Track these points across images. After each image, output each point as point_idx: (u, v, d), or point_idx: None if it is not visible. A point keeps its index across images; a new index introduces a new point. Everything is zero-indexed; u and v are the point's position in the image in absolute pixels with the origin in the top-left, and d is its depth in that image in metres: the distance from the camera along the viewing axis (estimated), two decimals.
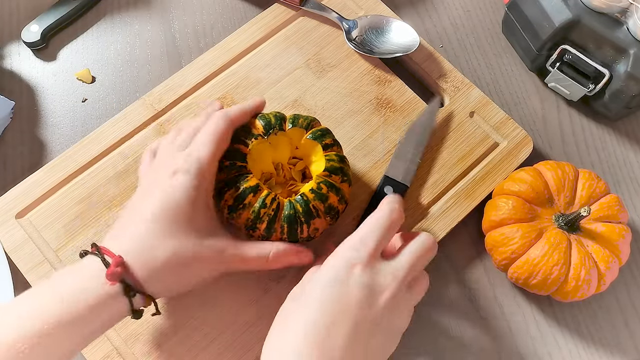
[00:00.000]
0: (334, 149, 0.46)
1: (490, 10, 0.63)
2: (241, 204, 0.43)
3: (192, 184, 0.40)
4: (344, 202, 0.45)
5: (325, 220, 0.44)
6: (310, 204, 0.43)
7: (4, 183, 0.53)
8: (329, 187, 0.44)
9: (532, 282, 0.46)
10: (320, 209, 0.44)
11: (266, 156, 0.47)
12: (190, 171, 0.41)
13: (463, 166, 0.52)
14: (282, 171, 0.48)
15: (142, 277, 0.38)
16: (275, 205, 0.43)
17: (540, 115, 0.58)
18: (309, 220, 0.43)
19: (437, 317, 0.49)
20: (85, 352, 0.45)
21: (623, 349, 0.49)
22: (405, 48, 0.56)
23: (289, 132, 0.46)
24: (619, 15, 0.52)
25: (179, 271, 0.40)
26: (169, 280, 0.40)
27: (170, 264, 0.39)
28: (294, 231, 0.43)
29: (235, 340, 0.46)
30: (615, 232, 0.46)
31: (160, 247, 0.39)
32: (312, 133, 0.46)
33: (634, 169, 0.56)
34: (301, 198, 0.43)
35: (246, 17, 0.61)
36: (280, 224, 0.43)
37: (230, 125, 0.44)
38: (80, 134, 0.55)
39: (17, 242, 0.48)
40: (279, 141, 0.47)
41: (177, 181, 0.40)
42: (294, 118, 0.46)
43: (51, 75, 0.58)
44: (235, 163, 0.44)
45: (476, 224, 0.51)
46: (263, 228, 0.43)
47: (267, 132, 0.45)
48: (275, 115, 0.46)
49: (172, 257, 0.39)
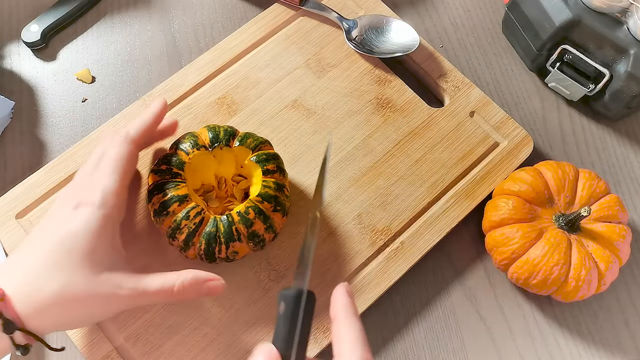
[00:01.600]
0: (275, 176, 0.45)
1: (491, 10, 0.63)
2: (165, 210, 0.42)
3: (94, 217, 0.38)
4: (272, 231, 0.44)
5: (248, 246, 0.44)
6: (234, 227, 0.43)
7: (4, 183, 0.53)
8: (257, 213, 0.43)
9: (532, 282, 0.46)
10: (243, 233, 0.43)
11: (209, 168, 0.47)
12: (93, 204, 0.39)
13: (463, 166, 0.52)
14: (225, 186, 0.48)
15: (24, 312, 0.36)
16: (199, 219, 0.42)
17: (540, 115, 0.58)
18: (228, 242, 0.43)
19: (437, 317, 0.49)
20: (85, 352, 0.45)
21: (624, 349, 0.49)
22: (405, 48, 0.56)
23: (235, 149, 0.45)
24: (619, 15, 0.52)
25: (68, 307, 0.37)
26: (57, 315, 0.37)
27: (57, 299, 0.36)
28: (212, 249, 0.43)
29: (235, 340, 0.46)
30: (615, 232, 0.46)
31: (47, 281, 0.36)
32: (257, 156, 0.45)
33: (634, 169, 0.56)
34: (226, 218, 0.43)
35: (246, 17, 0.61)
36: (200, 239, 0.43)
37: (134, 147, 0.43)
38: (80, 134, 0.55)
39: (17, 242, 0.48)
40: (225, 156, 0.46)
41: (79, 214, 0.38)
42: (243, 137, 0.45)
43: (51, 75, 0.58)
44: (172, 169, 0.43)
45: (476, 224, 0.51)
46: (181, 239, 0.43)
47: (212, 145, 0.44)
48: (225, 129, 0.45)
49: (60, 292, 0.36)
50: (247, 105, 0.54)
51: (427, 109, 0.55)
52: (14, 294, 0.36)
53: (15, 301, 0.36)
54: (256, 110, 0.54)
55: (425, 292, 0.50)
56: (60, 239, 0.38)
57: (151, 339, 0.45)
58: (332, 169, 0.52)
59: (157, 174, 0.44)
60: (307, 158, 0.52)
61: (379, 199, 0.51)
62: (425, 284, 0.51)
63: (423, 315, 0.49)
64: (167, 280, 0.39)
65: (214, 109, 0.53)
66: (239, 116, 0.53)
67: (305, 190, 0.51)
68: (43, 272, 0.37)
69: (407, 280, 0.50)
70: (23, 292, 0.36)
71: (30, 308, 0.36)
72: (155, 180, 0.44)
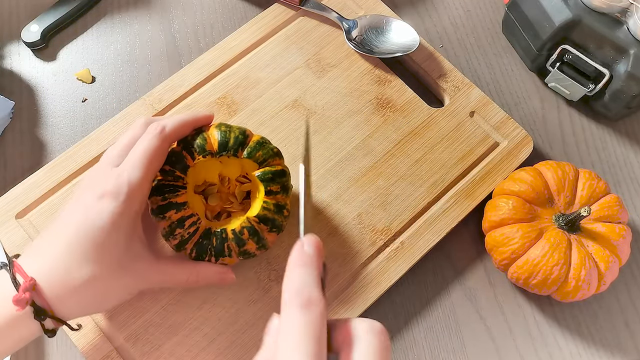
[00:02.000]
0: (277, 197, 0.44)
1: (490, 10, 0.63)
2: (162, 214, 0.42)
3: (119, 209, 0.39)
4: (264, 248, 0.44)
5: (237, 259, 0.44)
6: (226, 244, 0.43)
7: (4, 183, 0.53)
8: (252, 234, 0.43)
9: (532, 282, 0.46)
10: (235, 250, 0.43)
11: (213, 169, 0.46)
12: (118, 196, 0.39)
13: (463, 166, 0.52)
14: (227, 184, 0.47)
15: (54, 300, 0.37)
16: (193, 229, 0.42)
17: (540, 115, 0.58)
18: (218, 256, 0.43)
19: (437, 317, 0.49)
20: (85, 352, 0.45)
21: (624, 349, 0.49)
22: (405, 48, 0.56)
23: (243, 160, 0.44)
24: (619, 15, 0.52)
25: (96, 295, 0.39)
26: (84, 303, 0.39)
27: (86, 289, 0.38)
28: (202, 258, 0.44)
29: (235, 340, 0.46)
30: (615, 232, 0.46)
31: (76, 271, 0.38)
32: (263, 173, 0.43)
33: (634, 169, 0.56)
34: (220, 234, 0.43)
35: (246, 17, 0.61)
36: (191, 247, 0.43)
37: (166, 142, 0.42)
38: (80, 134, 0.55)
39: (17, 242, 0.48)
40: (230, 162, 0.45)
41: (104, 205, 0.39)
42: (252, 148, 0.43)
43: (51, 75, 0.58)
44: (175, 172, 0.43)
45: (476, 224, 0.51)
46: (173, 244, 0.43)
47: (220, 152, 0.43)
48: (236, 137, 0.43)
49: (88, 282, 0.38)
50: (247, 105, 0.54)
51: (427, 109, 0.55)
52: (43, 282, 0.37)
53: (44, 289, 0.37)
54: (256, 110, 0.54)
55: (425, 292, 0.50)
56: (87, 231, 0.39)
57: (151, 339, 0.45)
58: (332, 169, 0.52)
59: (160, 172, 0.43)
60: None
61: (379, 199, 0.51)
62: (425, 284, 0.51)
63: (423, 315, 0.49)
64: (182, 271, 0.43)
65: (214, 109, 0.53)
66: (239, 116, 0.53)
67: None
68: (71, 262, 0.38)
69: (407, 280, 0.50)
70: (52, 281, 0.37)
71: (59, 296, 0.37)
72: (157, 179, 0.43)
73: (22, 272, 0.37)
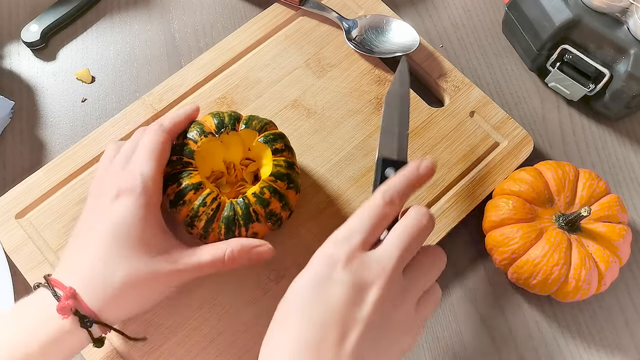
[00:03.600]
0: (284, 155, 0.45)
1: (491, 10, 0.63)
2: (181, 199, 0.42)
3: (138, 203, 0.39)
4: (288, 209, 0.45)
5: (266, 226, 0.44)
6: (251, 208, 0.43)
7: (4, 183, 0.53)
8: (272, 192, 0.43)
9: (533, 282, 0.46)
10: (261, 213, 0.43)
11: (217, 154, 0.47)
12: (135, 190, 0.40)
13: (463, 166, 0.52)
14: (234, 171, 0.48)
15: (97, 306, 0.37)
16: (216, 205, 0.42)
17: (540, 115, 0.58)
18: (247, 224, 0.43)
19: (437, 317, 0.49)
20: (85, 352, 0.45)
21: (624, 350, 0.49)
22: (405, 48, 0.56)
23: (242, 132, 0.45)
24: (619, 15, 0.52)
25: (136, 294, 0.39)
26: (127, 304, 0.39)
27: (125, 289, 0.38)
28: (232, 233, 0.43)
29: (235, 340, 0.46)
30: (615, 232, 0.46)
31: (113, 274, 0.38)
32: (264, 136, 0.45)
33: (634, 169, 0.56)
34: (242, 201, 0.43)
35: (246, 16, 0.61)
36: (219, 224, 0.43)
37: (167, 136, 0.43)
38: (80, 134, 0.55)
39: (17, 243, 0.48)
40: (232, 141, 0.46)
41: (122, 203, 0.39)
42: (248, 119, 0.46)
43: (51, 75, 0.58)
44: (182, 158, 0.44)
45: (476, 224, 0.51)
46: (201, 226, 0.43)
47: (219, 130, 0.45)
48: (230, 114, 0.46)
49: (127, 282, 0.38)
50: (247, 105, 0.54)
51: (427, 109, 0.55)
52: (82, 291, 0.37)
53: (85, 297, 0.37)
54: (256, 110, 0.54)
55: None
56: (111, 230, 0.39)
57: (151, 339, 0.45)
58: (332, 169, 0.52)
59: (169, 164, 0.44)
60: (307, 158, 0.52)
61: None
62: None
63: None
64: (217, 251, 0.41)
65: (214, 109, 0.53)
66: None
67: (305, 190, 0.51)
68: (105, 264, 0.38)
69: None
70: (91, 287, 0.38)
71: (101, 301, 0.37)
72: (167, 172, 0.44)
73: (59, 285, 0.37)
